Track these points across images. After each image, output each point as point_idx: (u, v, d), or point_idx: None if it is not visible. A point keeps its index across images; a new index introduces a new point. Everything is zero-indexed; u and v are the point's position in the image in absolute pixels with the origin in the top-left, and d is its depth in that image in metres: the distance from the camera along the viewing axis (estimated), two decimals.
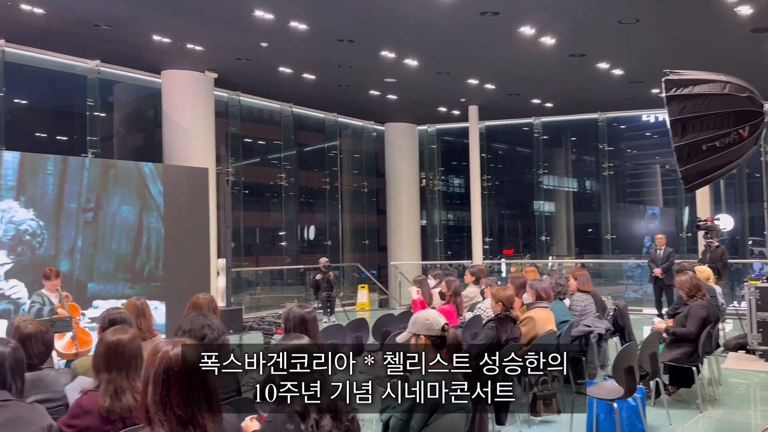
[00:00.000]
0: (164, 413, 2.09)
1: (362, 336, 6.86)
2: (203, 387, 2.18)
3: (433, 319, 3.15)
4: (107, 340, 3.04)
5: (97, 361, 3.01)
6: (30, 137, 12.25)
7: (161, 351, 2.18)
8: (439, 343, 3.10)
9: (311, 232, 17.54)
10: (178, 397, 2.11)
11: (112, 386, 2.89)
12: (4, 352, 2.87)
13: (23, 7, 8.73)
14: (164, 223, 10.53)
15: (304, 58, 11.32)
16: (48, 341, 3.64)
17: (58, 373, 3.64)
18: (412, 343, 3.19)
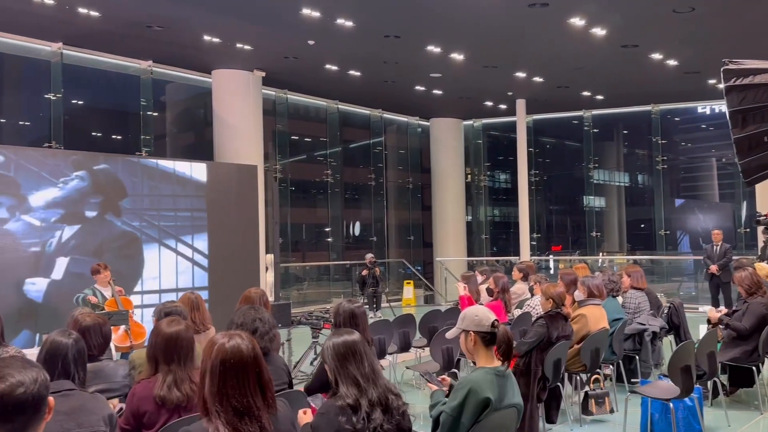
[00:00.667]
0: (221, 404, 2.13)
1: (409, 332, 6.85)
2: (258, 379, 2.21)
3: (483, 315, 3.11)
4: (165, 332, 3.11)
5: (154, 353, 3.09)
6: (87, 137, 12.69)
7: (217, 343, 2.22)
8: (489, 339, 3.07)
9: (357, 228, 17.62)
10: (234, 389, 2.15)
11: (171, 377, 2.97)
12: (67, 343, 2.98)
13: (80, 10, 9.04)
14: (215, 220, 10.78)
15: (350, 54, 11.37)
16: (106, 333, 3.76)
17: (116, 364, 3.76)
18: (462, 339, 3.16)
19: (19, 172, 8.72)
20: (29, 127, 12.46)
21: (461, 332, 3.15)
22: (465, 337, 3.13)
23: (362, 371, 2.66)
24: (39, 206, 8.90)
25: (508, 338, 3.04)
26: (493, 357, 3.07)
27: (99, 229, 9.51)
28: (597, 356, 5.65)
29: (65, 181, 9.20)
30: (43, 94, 11.18)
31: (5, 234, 8.49)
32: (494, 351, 3.06)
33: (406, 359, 7.37)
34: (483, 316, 3.09)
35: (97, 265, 7.08)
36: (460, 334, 3.16)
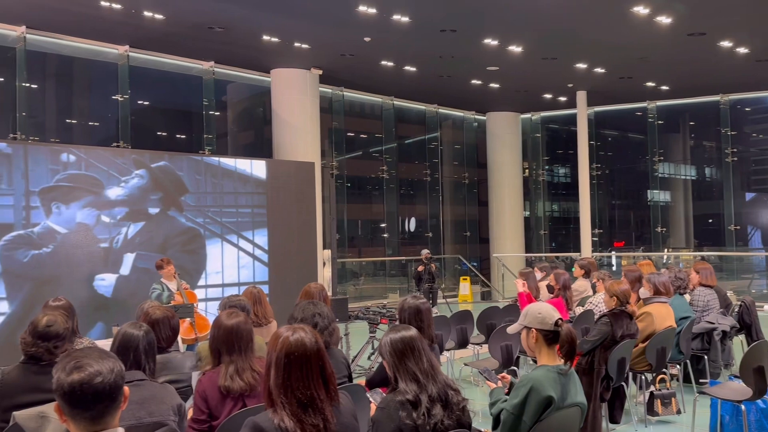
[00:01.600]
0: (285, 396, 2.17)
1: (467, 328, 6.80)
2: (321, 372, 2.25)
3: (547, 312, 3.06)
4: (225, 324, 3.21)
5: (217, 344, 3.19)
6: (152, 136, 13.16)
7: (282, 336, 2.27)
8: (551, 337, 3.01)
9: (412, 223, 17.62)
10: (298, 381, 2.19)
11: (233, 366, 3.06)
12: (138, 335, 3.10)
13: (145, 13, 9.37)
14: (275, 216, 11.01)
15: (406, 50, 11.36)
16: (174, 326, 3.89)
17: (184, 356, 3.88)
18: (523, 335, 3.11)
19: (90, 170, 9.13)
20: (98, 128, 13.03)
21: (523, 328, 3.11)
22: (527, 334, 3.08)
23: (421, 367, 2.66)
24: (107, 204, 9.29)
25: (571, 338, 2.97)
26: (555, 355, 3.02)
27: (163, 226, 9.85)
28: (663, 355, 5.48)
29: (128, 179, 9.57)
30: (110, 96, 11.66)
31: (78, 231, 8.91)
32: (556, 349, 3.00)
33: (464, 356, 7.33)
34: (546, 314, 3.04)
35: (160, 260, 7.35)
36: (522, 330, 3.12)
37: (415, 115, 17.05)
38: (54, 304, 4.25)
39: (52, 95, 12.35)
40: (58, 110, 12.47)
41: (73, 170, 8.95)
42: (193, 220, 10.16)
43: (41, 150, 8.77)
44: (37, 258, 8.41)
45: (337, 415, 2.25)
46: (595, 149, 16.47)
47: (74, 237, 8.81)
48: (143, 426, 2.69)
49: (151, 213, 9.70)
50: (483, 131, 17.86)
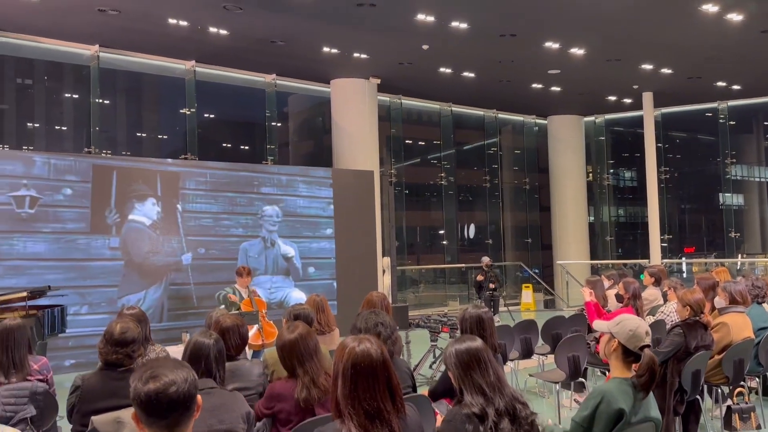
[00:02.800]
0: (353, 407, 2.18)
1: (531, 338, 6.66)
2: (388, 383, 2.24)
3: (639, 333, 2.90)
4: (289, 339, 3.26)
5: (285, 360, 3.24)
6: (218, 148, 13.58)
7: (348, 347, 2.28)
8: (632, 354, 2.90)
9: (471, 230, 17.46)
10: (365, 392, 2.19)
11: (308, 377, 3.11)
12: (209, 343, 3.19)
13: (211, 30, 9.69)
14: (337, 224, 11.17)
15: (464, 56, 11.30)
16: (243, 334, 3.97)
17: (252, 364, 3.96)
18: (604, 337, 3.00)
19: (163, 181, 9.53)
20: (167, 140, 13.55)
21: (609, 335, 2.99)
22: (609, 339, 2.98)
23: (487, 380, 2.62)
24: (180, 213, 9.65)
25: (652, 368, 2.82)
26: (630, 369, 2.91)
27: (230, 233, 10.15)
28: (741, 368, 5.21)
29: (199, 189, 9.91)
30: (178, 110, 12.10)
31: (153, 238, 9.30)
32: (633, 365, 2.89)
33: (528, 366, 7.19)
34: (638, 335, 2.89)
35: (242, 267, 7.50)
36: (607, 335, 3.00)
37: (473, 120, 16.92)
38: (128, 312, 4.43)
39: (123, 110, 12.94)
40: (129, 124, 13.04)
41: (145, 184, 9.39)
42: (258, 229, 10.43)
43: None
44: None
45: (403, 427, 2.24)
46: (663, 152, 15.89)
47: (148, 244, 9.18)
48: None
49: (219, 220, 10.03)
50: (544, 135, 17.54)
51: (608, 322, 3.05)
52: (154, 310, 9.22)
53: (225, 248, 10.07)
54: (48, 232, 8.63)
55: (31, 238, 8.50)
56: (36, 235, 8.54)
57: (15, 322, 3.89)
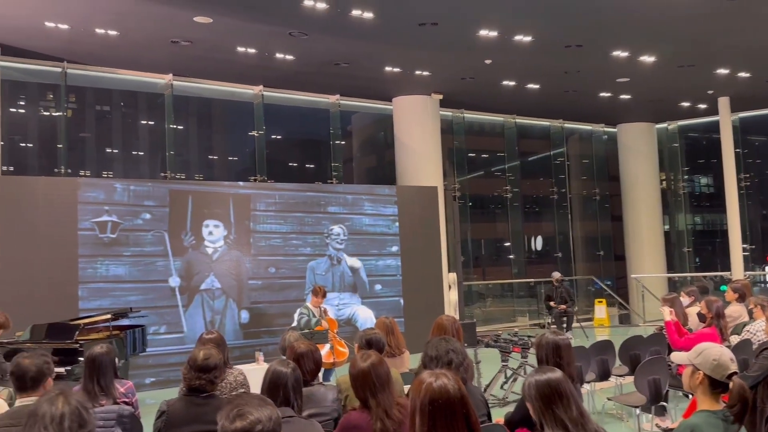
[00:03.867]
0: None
1: (608, 360, 6.45)
2: (466, 419, 2.22)
3: (723, 361, 2.75)
4: (362, 368, 3.26)
5: (358, 390, 3.26)
6: (285, 167, 13.91)
7: (425, 382, 2.27)
8: (719, 385, 2.75)
9: (539, 242, 17.10)
10: (443, 429, 2.18)
11: (381, 409, 3.11)
12: (287, 372, 3.25)
13: (277, 55, 9.97)
14: (403, 241, 11.21)
15: (529, 68, 11.16)
16: (317, 359, 4.02)
17: (326, 389, 4.00)
18: (687, 371, 2.86)
19: (235, 203, 9.84)
20: (236, 162, 14.00)
21: (691, 367, 2.85)
22: (692, 373, 2.84)
23: (570, 415, 2.54)
24: (253, 235, 9.93)
25: (744, 397, 2.67)
26: (718, 400, 2.76)
27: (299, 252, 10.36)
28: None
29: (269, 210, 10.18)
30: (247, 132, 12.49)
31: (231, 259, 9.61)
32: (721, 396, 2.75)
33: (605, 387, 6.95)
34: (723, 363, 2.74)
35: (318, 287, 7.59)
36: (690, 368, 2.86)
37: (538, 131, 16.64)
38: (207, 337, 4.57)
39: (195, 135, 13.47)
40: (201, 148, 13.56)
41: (219, 207, 9.73)
42: (325, 247, 10.59)
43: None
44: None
45: None
46: (742, 157, 15.12)
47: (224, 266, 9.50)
48: None
49: (289, 240, 10.26)
50: (614, 144, 17.03)
51: (687, 353, 2.90)
52: (228, 330, 9.49)
53: (294, 267, 10.28)
54: (128, 256, 9.05)
55: (113, 262, 8.94)
56: (117, 258, 8.97)
57: (101, 350, 4.08)
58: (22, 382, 3.42)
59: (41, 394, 3.43)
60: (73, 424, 2.38)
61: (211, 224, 9.67)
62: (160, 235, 9.27)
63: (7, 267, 8.29)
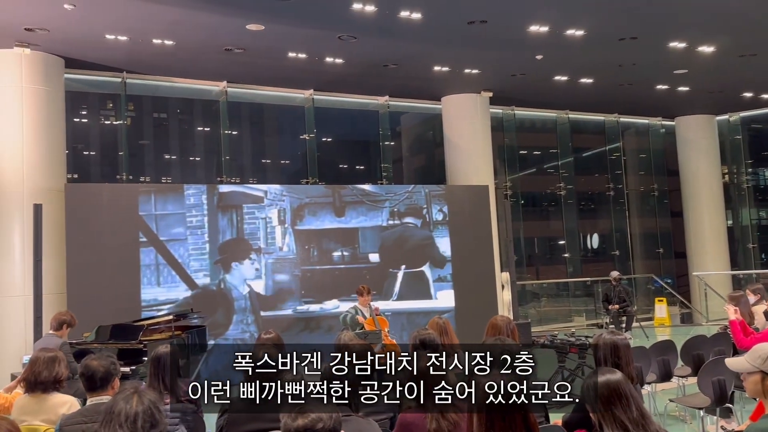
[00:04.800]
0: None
1: (669, 360, 6.26)
2: (524, 420, 2.22)
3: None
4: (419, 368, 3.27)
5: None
6: (335, 169, 14.06)
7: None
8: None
9: (594, 240, 16.71)
10: (501, 429, 2.18)
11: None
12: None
13: (327, 59, 10.10)
14: (454, 241, 11.17)
15: (581, 63, 10.93)
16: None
17: None
18: (752, 378, 2.77)
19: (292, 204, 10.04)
20: (288, 165, 14.24)
21: (758, 372, 2.74)
22: (761, 379, 2.73)
23: (630, 416, 2.50)
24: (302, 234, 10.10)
25: None
26: None
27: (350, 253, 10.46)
28: None
29: (321, 211, 10.33)
30: (298, 136, 12.69)
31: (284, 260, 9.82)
32: None
33: (667, 388, 6.75)
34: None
35: (362, 287, 7.72)
36: (753, 371, 2.76)
37: (592, 126, 16.26)
38: (266, 336, 4.67)
39: (249, 139, 13.77)
40: (254, 152, 13.85)
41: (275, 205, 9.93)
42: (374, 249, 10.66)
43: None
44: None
45: None
46: None
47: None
48: None
49: (338, 240, 10.38)
50: (672, 137, 16.49)
51: (746, 357, 2.79)
52: (282, 330, 9.68)
53: (346, 269, 10.38)
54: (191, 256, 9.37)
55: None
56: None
57: (165, 349, 4.23)
58: (92, 382, 3.59)
59: (110, 393, 3.60)
60: (146, 424, 2.48)
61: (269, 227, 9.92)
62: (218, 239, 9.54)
63: (75, 269, 8.69)
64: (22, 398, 3.97)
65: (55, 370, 3.96)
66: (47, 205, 8.03)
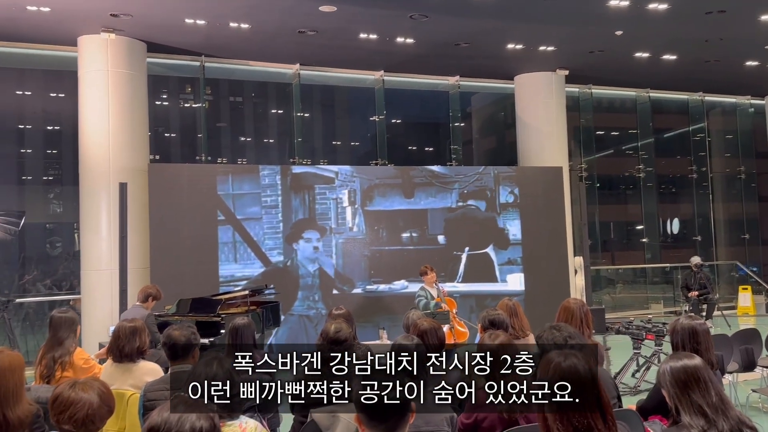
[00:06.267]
0: (561, 423, 2.15)
1: (753, 348, 5.96)
2: (598, 400, 2.18)
3: None
4: (491, 347, 3.25)
5: None
6: (405, 151, 14.06)
7: (554, 362, 2.25)
8: None
9: (675, 225, 16.01)
10: (574, 409, 2.15)
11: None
12: (411, 346, 3.34)
13: (398, 40, 10.07)
14: (525, 223, 10.99)
15: (664, 39, 10.42)
16: (441, 336, 4.09)
17: None
18: None
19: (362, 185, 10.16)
20: (358, 147, 14.35)
21: None
22: None
23: (708, 400, 2.42)
24: (373, 216, 10.20)
25: None
26: None
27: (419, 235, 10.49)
28: None
29: (391, 193, 10.38)
30: (368, 117, 12.75)
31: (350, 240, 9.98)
32: None
33: (750, 379, 6.44)
34: None
35: (424, 267, 7.76)
36: None
37: (675, 105, 15.50)
38: (337, 312, 4.79)
39: (320, 122, 13.96)
40: (325, 134, 14.03)
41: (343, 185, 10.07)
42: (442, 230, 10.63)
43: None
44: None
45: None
46: None
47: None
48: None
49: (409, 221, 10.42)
50: (761, 117, 15.50)
51: None
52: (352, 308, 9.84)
53: (414, 250, 10.41)
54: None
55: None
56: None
57: (243, 321, 4.41)
58: (174, 351, 3.80)
59: (191, 362, 3.79)
60: None
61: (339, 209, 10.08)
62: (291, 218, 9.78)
63: (157, 245, 9.13)
64: (110, 365, 4.24)
65: (137, 341, 4.20)
66: (132, 184, 8.44)
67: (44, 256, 11.36)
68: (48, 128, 11.54)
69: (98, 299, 9.01)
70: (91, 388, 2.51)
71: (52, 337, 4.37)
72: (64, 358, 4.27)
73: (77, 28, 9.15)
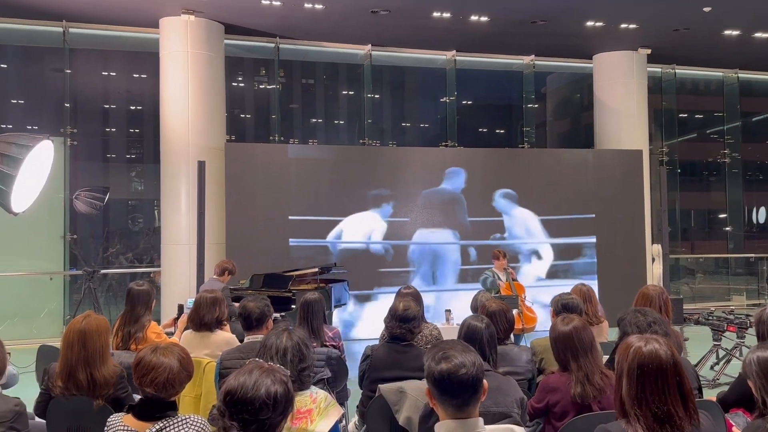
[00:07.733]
0: (639, 408, 2.08)
1: None
2: (679, 387, 2.09)
3: None
4: (563, 331, 3.20)
5: (559, 353, 3.20)
6: (475, 133, 13.87)
7: (634, 346, 2.17)
8: None
9: (761, 214, 15.11)
10: (653, 394, 2.08)
11: (582, 373, 3.04)
12: (481, 327, 3.32)
13: (472, 18, 9.88)
14: (600, 209, 10.66)
15: (758, 15, 9.76)
16: (510, 319, 4.03)
17: (519, 349, 4.00)
18: None
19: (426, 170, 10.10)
20: (428, 129, 14.25)
21: None
22: None
23: None
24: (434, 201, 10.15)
25: None
26: None
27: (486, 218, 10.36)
28: None
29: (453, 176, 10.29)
30: (438, 99, 12.62)
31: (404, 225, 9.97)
32: None
33: None
34: None
35: (497, 251, 7.67)
36: None
37: (765, 87, 14.56)
38: (405, 291, 4.80)
39: (390, 103, 13.95)
40: (394, 116, 14.01)
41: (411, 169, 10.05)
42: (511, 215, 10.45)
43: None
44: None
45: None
46: None
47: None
48: (489, 415, 2.84)
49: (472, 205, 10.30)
50: None
51: None
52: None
53: (481, 233, 10.30)
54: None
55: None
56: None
57: (314, 296, 4.50)
58: (249, 321, 3.93)
59: (264, 332, 3.90)
60: (294, 358, 2.69)
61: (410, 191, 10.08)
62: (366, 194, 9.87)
63: (233, 222, 9.43)
64: (189, 334, 4.42)
65: (217, 311, 4.36)
66: (209, 162, 8.72)
67: (126, 230, 11.97)
68: (131, 108, 12.07)
69: (177, 272, 9.42)
70: (171, 354, 2.62)
71: (130, 311, 4.57)
72: (137, 334, 4.48)
73: (159, 10, 9.48)
